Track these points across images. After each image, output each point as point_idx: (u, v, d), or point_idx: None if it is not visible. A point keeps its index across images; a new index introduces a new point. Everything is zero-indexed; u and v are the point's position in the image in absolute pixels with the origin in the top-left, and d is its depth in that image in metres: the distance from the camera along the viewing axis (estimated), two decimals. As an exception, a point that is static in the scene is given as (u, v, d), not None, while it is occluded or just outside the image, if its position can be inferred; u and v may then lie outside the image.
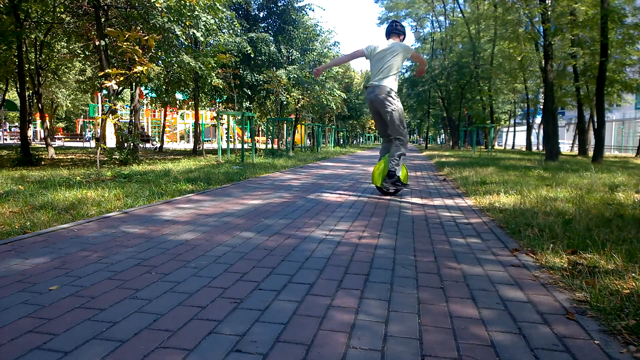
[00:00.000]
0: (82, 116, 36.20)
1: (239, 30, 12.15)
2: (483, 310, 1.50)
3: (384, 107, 4.12)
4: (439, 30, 31.89)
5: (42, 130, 21.49)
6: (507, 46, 18.37)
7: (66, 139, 26.23)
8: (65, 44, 12.89)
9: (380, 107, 4.16)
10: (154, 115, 32.75)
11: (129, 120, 15.44)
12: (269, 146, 14.47)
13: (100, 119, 6.36)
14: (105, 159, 8.56)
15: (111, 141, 18.51)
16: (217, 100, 15.98)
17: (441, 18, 31.75)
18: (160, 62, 10.90)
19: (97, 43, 8.38)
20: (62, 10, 10.29)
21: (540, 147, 24.28)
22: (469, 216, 3.29)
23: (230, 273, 1.84)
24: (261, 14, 14.05)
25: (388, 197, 4.27)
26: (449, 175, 6.79)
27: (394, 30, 4.31)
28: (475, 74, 22.02)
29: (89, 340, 1.24)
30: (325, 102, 17.20)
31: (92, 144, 23.16)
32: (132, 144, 8.84)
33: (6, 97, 16.27)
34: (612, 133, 22.95)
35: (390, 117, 4.13)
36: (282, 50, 13.88)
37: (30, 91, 12.35)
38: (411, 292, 1.66)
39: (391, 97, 4.11)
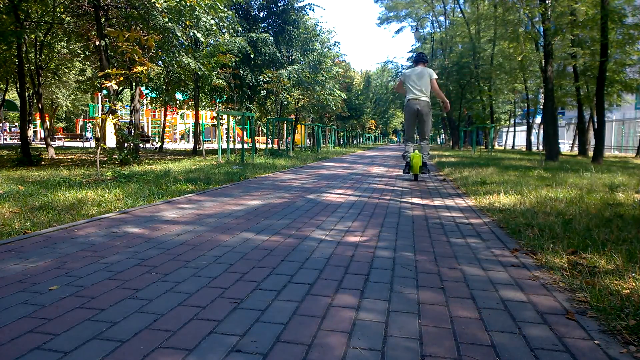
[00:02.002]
0: (82, 116, 36.18)
1: (239, 31, 12.14)
2: (483, 310, 1.50)
3: (427, 115, 5.73)
4: (438, 30, 31.86)
5: (42, 130, 21.48)
6: (507, 46, 18.34)
7: (66, 139, 26.16)
8: (65, 44, 12.89)
9: (424, 115, 5.70)
10: (154, 115, 32.72)
11: (129, 120, 15.42)
12: (269, 146, 14.47)
13: (100, 119, 6.35)
14: (105, 159, 8.56)
15: (111, 141, 18.50)
16: (217, 101, 15.96)
17: (441, 18, 31.68)
18: (160, 62, 10.89)
19: (97, 43, 8.38)
20: (62, 10, 10.27)
21: (540, 147, 24.26)
22: (469, 216, 3.29)
23: (230, 273, 1.84)
24: (261, 14, 14.02)
25: (388, 197, 4.27)
26: (449, 175, 6.79)
27: (421, 59, 5.93)
28: (475, 74, 22.00)
29: (89, 340, 1.24)
30: (325, 102, 17.20)
31: (92, 144, 23.13)
32: (132, 144, 8.84)
33: (6, 97, 16.26)
34: (612, 133, 22.90)
35: (428, 123, 5.79)
36: (283, 50, 13.87)
37: (30, 91, 12.33)
38: (411, 292, 1.66)
39: (430, 108, 5.76)
